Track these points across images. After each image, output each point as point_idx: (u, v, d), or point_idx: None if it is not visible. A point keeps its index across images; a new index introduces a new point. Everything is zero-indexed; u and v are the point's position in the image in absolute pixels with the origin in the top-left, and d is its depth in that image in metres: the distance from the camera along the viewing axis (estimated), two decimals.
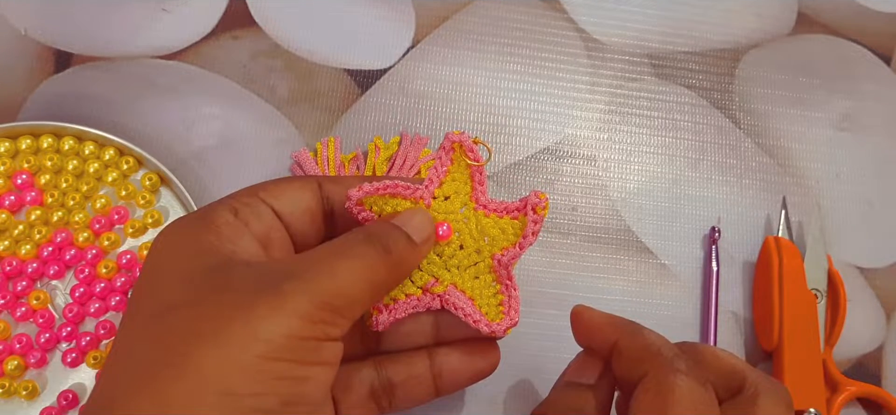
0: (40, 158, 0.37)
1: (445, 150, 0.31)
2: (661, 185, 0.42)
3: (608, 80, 0.43)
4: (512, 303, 0.31)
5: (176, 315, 0.24)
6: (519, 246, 0.31)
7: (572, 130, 0.42)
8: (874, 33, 0.45)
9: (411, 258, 0.28)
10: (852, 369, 0.39)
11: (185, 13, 0.42)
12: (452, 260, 0.31)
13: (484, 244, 0.31)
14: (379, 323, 0.30)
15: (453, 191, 0.31)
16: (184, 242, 0.26)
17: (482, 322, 0.30)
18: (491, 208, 0.31)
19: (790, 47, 0.45)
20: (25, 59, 0.40)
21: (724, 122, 0.43)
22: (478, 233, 0.31)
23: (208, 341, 0.22)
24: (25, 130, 0.37)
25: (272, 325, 0.23)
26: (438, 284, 0.31)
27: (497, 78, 0.42)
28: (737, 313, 0.40)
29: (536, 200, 0.30)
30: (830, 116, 0.44)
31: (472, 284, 0.31)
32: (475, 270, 0.31)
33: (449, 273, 0.31)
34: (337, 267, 0.25)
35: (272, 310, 0.23)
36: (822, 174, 0.42)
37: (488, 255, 0.31)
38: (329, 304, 0.24)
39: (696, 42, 0.44)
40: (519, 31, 0.43)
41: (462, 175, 0.32)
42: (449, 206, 0.31)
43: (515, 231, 0.31)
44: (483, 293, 0.31)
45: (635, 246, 0.40)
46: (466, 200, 0.32)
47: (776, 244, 0.39)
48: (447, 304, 0.31)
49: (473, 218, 0.31)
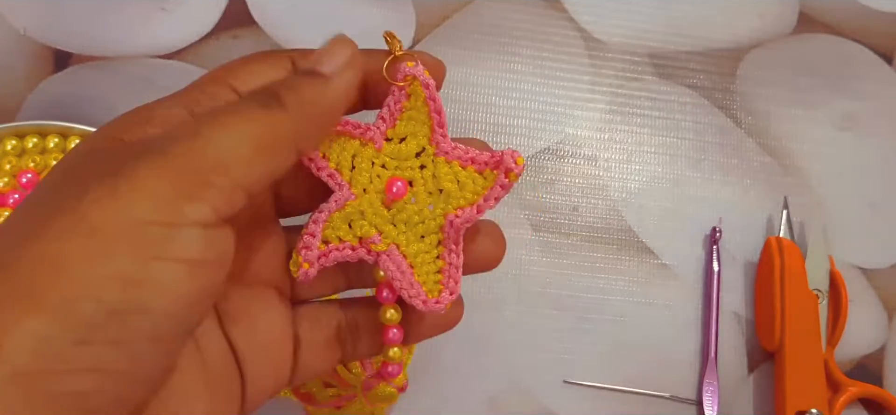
0: (46, 158, 0.37)
1: (399, 86, 0.27)
2: (663, 185, 0.41)
3: (609, 79, 0.43)
4: (452, 273, 0.27)
5: (21, 209, 0.20)
6: (476, 208, 0.26)
7: (573, 130, 0.42)
8: (876, 33, 0.45)
9: (322, 100, 0.23)
10: (854, 370, 0.39)
11: (184, 13, 0.41)
12: (400, 215, 0.27)
13: (438, 199, 0.27)
14: (307, 277, 0.26)
15: (409, 131, 0.27)
16: (109, 127, 0.22)
17: (418, 298, 0.26)
18: (454, 155, 0.27)
19: (792, 47, 0.45)
20: (24, 59, 0.40)
21: (725, 121, 0.43)
22: (433, 185, 0.27)
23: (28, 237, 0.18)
24: (32, 130, 0.37)
25: (103, 209, 0.18)
26: (380, 242, 0.26)
27: (498, 77, 0.42)
28: (738, 313, 0.40)
29: (511, 163, 0.26)
30: (832, 115, 0.44)
31: (416, 247, 0.27)
32: (422, 227, 0.27)
33: (394, 229, 0.27)
34: (202, 127, 0.20)
35: (107, 192, 0.18)
36: (823, 174, 0.42)
37: (441, 213, 0.27)
38: (187, 172, 0.19)
39: (697, 42, 0.44)
40: (519, 30, 0.43)
41: (420, 115, 0.27)
42: (403, 149, 0.27)
43: (475, 189, 0.27)
44: (424, 259, 0.27)
45: (636, 246, 0.40)
46: (425, 143, 0.27)
47: (778, 244, 0.39)
48: (383, 266, 0.26)
49: (430, 166, 0.27)
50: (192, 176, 0.19)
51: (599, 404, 0.30)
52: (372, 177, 0.27)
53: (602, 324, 0.39)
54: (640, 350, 0.39)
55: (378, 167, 0.27)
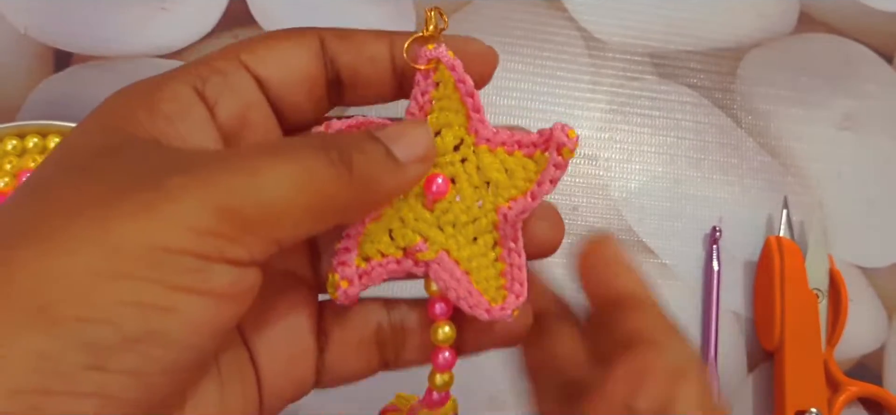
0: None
1: (423, 73, 0.23)
2: (663, 184, 0.41)
3: (610, 79, 0.43)
4: (515, 274, 0.23)
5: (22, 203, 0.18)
6: (530, 195, 0.23)
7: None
8: (876, 33, 0.45)
9: (390, 182, 0.21)
10: (853, 369, 0.39)
11: (185, 12, 0.41)
12: (446, 216, 0.23)
13: (486, 194, 0.23)
14: (346, 295, 0.23)
15: (444, 123, 0.23)
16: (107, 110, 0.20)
17: (480, 307, 0.23)
18: (496, 141, 0.24)
19: (792, 47, 0.45)
20: (25, 59, 0.40)
21: (725, 121, 0.43)
22: (478, 178, 0.24)
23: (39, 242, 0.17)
24: (33, 130, 0.37)
25: (134, 227, 0.17)
26: (427, 249, 0.23)
27: (498, 77, 0.42)
28: (738, 312, 0.40)
29: (562, 137, 0.23)
30: (832, 115, 0.44)
31: (469, 250, 0.23)
32: (474, 228, 0.23)
33: (442, 233, 0.23)
34: (260, 165, 0.18)
35: (140, 208, 0.17)
36: (823, 174, 0.42)
37: (491, 208, 0.23)
38: (234, 211, 0.17)
39: (697, 41, 0.44)
40: (520, 30, 0.43)
41: (452, 103, 0.23)
42: (440, 144, 0.23)
43: (527, 175, 0.23)
44: (481, 263, 0.24)
45: (636, 246, 0.40)
46: (462, 133, 0.24)
47: (778, 244, 0.39)
48: (434, 276, 0.23)
49: (473, 158, 0.24)
50: (239, 218, 0.18)
51: None
52: None
53: None
54: None
55: None
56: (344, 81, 0.23)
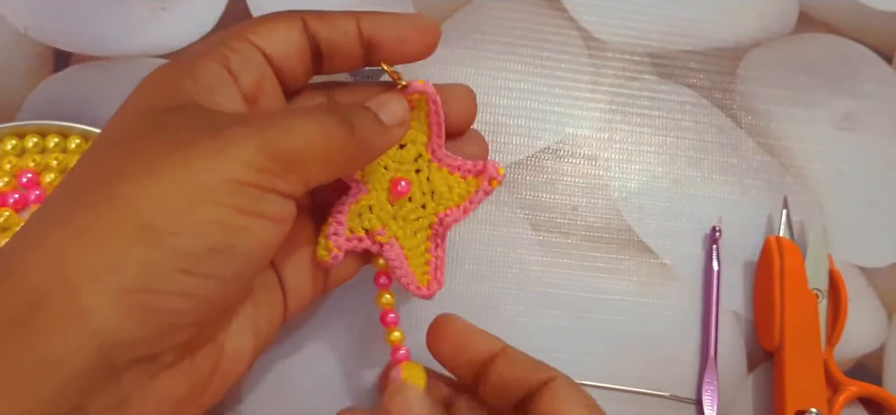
0: (46, 157, 0.37)
1: (409, 99, 0.31)
2: (663, 184, 0.41)
3: (609, 79, 0.43)
4: (439, 266, 0.32)
5: (111, 151, 0.23)
6: (463, 209, 0.31)
7: (573, 130, 0.42)
8: (876, 33, 0.45)
9: (379, 141, 0.27)
10: (853, 369, 0.39)
11: (185, 12, 0.41)
12: (401, 211, 0.31)
13: (430, 201, 0.32)
14: (334, 258, 0.30)
15: (410, 139, 0.32)
16: (156, 83, 0.25)
17: (412, 284, 0.31)
18: (445, 163, 0.32)
19: (792, 46, 0.45)
20: (24, 59, 0.40)
21: (725, 121, 0.43)
22: (427, 187, 0.32)
23: (136, 178, 0.22)
24: (32, 129, 0.37)
25: (210, 165, 0.22)
26: (385, 234, 0.31)
27: (497, 77, 0.42)
28: (738, 312, 0.40)
29: (494, 172, 0.31)
30: (832, 115, 0.44)
31: (411, 242, 0.31)
32: (416, 225, 0.31)
33: (396, 223, 0.31)
34: (293, 123, 0.24)
35: (213, 151, 0.22)
36: (823, 174, 0.42)
37: (432, 212, 0.32)
38: (279, 155, 0.23)
39: (697, 41, 0.44)
40: (519, 29, 0.43)
41: (421, 125, 0.32)
42: (405, 154, 0.31)
43: (461, 193, 0.32)
44: (416, 251, 0.31)
45: (636, 246, 0.40)
46: (422, 149, 0.32)
47: (777, 244, 0.39)
48: (385, 254, 0.31)
49: (426, 170, 0.32)
50: (282, 160, 0.23)
51: (599, 404, 0.30)
52: (379, 177, 0.31)
53: (601, 323, 0.39)
54: (639, 350, 0.39)
55: (382, 168, 0.31)
56: (323, 53, 0.29)
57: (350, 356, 0.37)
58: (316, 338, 0.37)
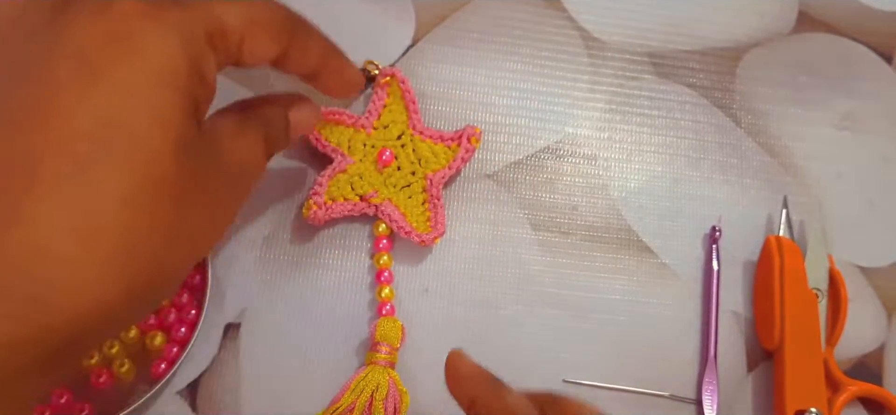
0: None
1: (381, 85, 0.38)
2: (662, 184, 0.41)
3: (609, 78, 0.43)
4: (438, 217, 0.36)
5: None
6: (449, 167, 0.37)
7: (573, 129, 0.42)
8: (875, 32, 0.45)
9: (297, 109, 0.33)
10: (853, 369, 0.39)
11: None
12: (390, 179, 0.37)
13: (418, 167, 0.37)
14: (316, 217, 0.35)
15: (391, 120, 0.38)
16: None
17: (413, 233, 0.36)
18: (427, 134, 0.38)
19: (791, 46, 0.45)
20: None
21: (724, 121, 0.43)
22: (414, 156, 0.37)
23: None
24: None
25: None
26: (376, 196, 0.36)
27: (497, 76, 0.42)
28: (737, 312, 0.40)
29: (471, 132, 0.37)
30: (831, 115, 0.44)
31: (405, 201, 0.36)
32: (409, 190, 0.37)
33: (386, 189, 0.36)
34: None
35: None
36: (823, 173, 0.42)
37: (422, 175, 0.37)
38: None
39: (697, 41, 0.44)
40: (519, 29, 0.43)
41: (399, 106, 0.38)
42: (388, 133, 0.37)
43: (447, 157, 0.37)
44: (414, 210, 0.36)
45: (636, 245, 0.40)
46: (404, 127, 0.38)
47: (777, 243, 0.39)
48: (382, 214, 0.36)
49: (411, 143, 0.37)
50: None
51: (599, 404, 0.30)
52: (366, 152, 0.37)
53: (601, 323, 0.39)
54: (639, 349, 0.39)
55: (369, 147, 0.37)
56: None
57: (348, 358, 0.37)
58: (314, 338, 0.37)
